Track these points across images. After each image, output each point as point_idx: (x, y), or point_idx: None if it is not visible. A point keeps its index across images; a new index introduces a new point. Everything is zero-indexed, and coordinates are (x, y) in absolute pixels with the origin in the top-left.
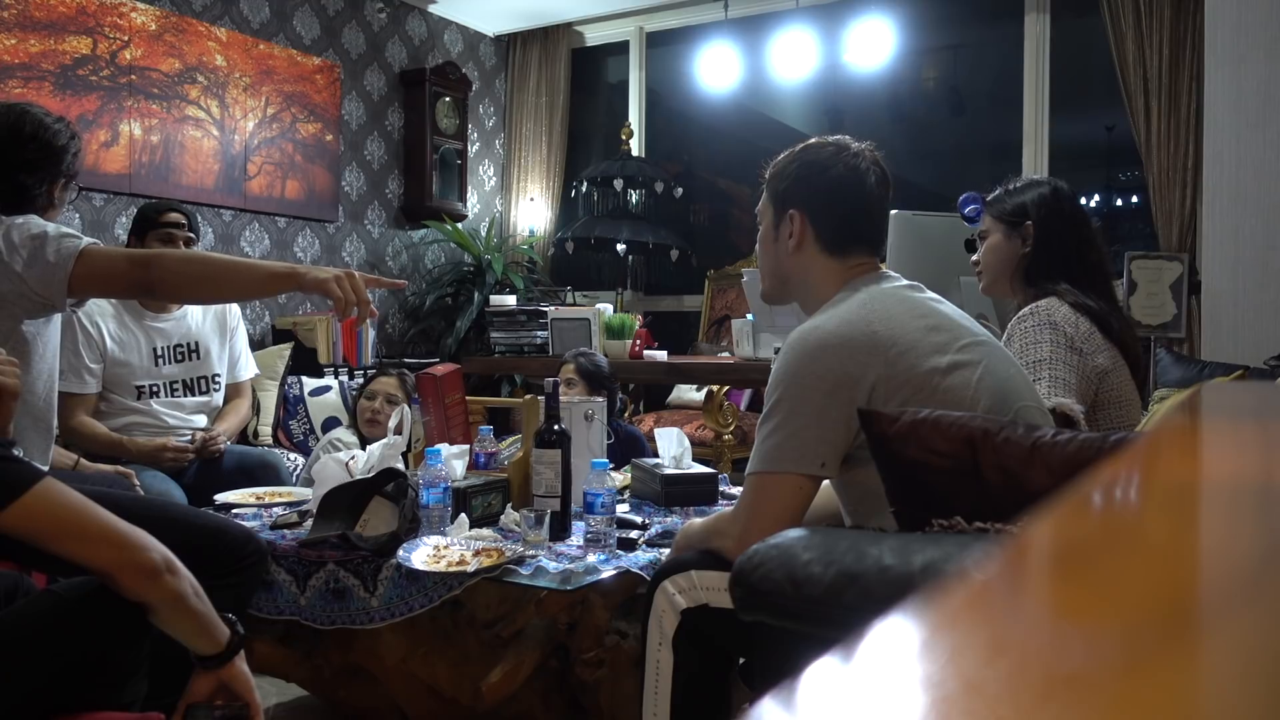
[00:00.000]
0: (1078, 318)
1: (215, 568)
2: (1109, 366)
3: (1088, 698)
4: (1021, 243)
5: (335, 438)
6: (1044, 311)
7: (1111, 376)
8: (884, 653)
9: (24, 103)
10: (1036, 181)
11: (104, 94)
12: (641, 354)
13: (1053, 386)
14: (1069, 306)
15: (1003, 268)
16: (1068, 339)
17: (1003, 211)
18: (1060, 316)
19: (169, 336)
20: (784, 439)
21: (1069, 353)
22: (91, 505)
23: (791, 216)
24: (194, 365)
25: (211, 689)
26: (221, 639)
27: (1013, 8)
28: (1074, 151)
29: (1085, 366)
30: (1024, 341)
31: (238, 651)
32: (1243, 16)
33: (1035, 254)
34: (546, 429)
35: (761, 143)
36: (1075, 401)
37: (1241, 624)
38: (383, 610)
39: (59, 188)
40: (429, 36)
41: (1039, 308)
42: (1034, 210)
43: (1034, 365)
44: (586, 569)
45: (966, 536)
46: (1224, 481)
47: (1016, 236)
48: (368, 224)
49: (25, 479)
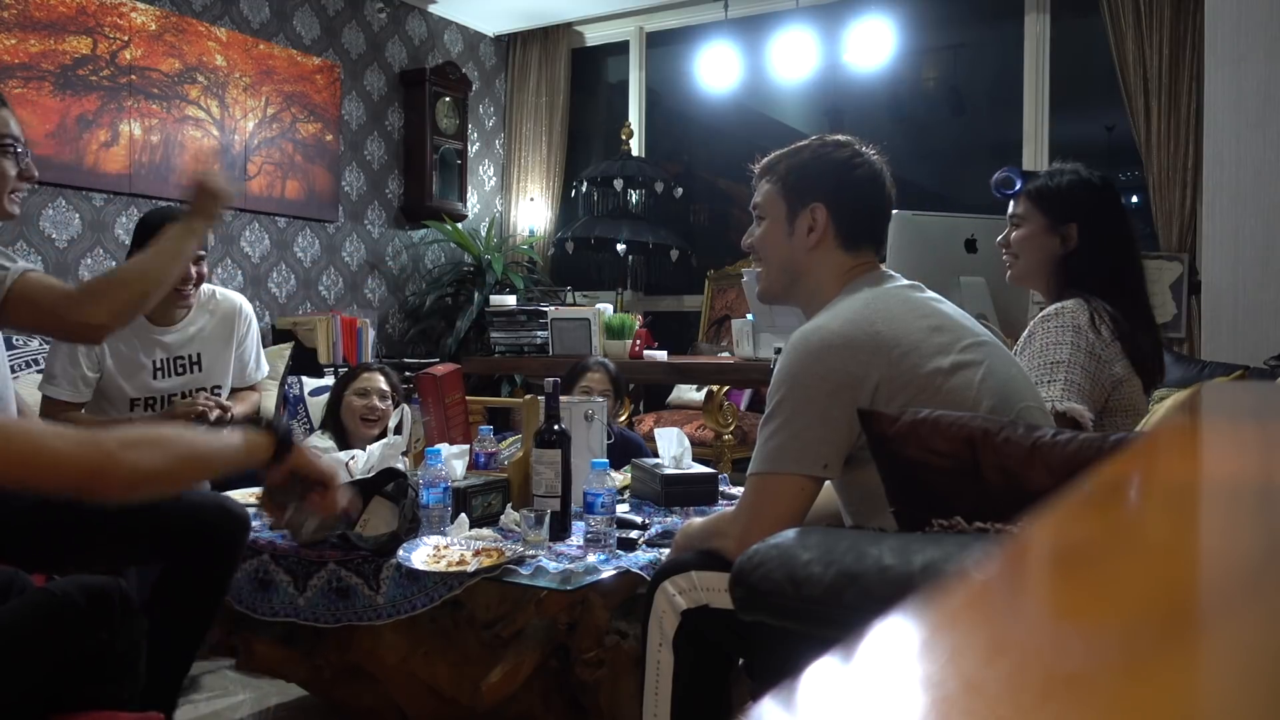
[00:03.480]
0: (1102, 324)
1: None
2: (1124, 375)
3: (1088, 698)
4: (1061, 241)
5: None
6: (1070, 313)
7: (1125, 386)
8: (884, 653)
9: None
10: (1084, 177)
11: (104, 94)
12: (641, 354)
13: (1067, 390)
14: (1096, 313)
15: (1040, 263)
16: (1089, 344)
17: (1045, 202)
18: (1085, 321)
19: (170, 349)
20: (786, 439)
21: (1088, 358)
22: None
23: (814, 210)
24: (194, 378)
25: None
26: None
27: (1013, 8)
28: (1074, 151)
29: (1102, 374)
30: (1045, 340)
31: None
32: (1243, 16)
33: (1078, 258)
34: (546, 429)
35: (761, 143)
36: (1087, 409)
37: (1241, 624)
38: (389, 607)
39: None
40: (429, 36)
41: (1065, 309)
42: (1080, 211)
43: (1052, 366)
44: (586, 569)
45: (966, 536)
46: (1224, 481)
47: (1057, 234)
48: (368, 224)
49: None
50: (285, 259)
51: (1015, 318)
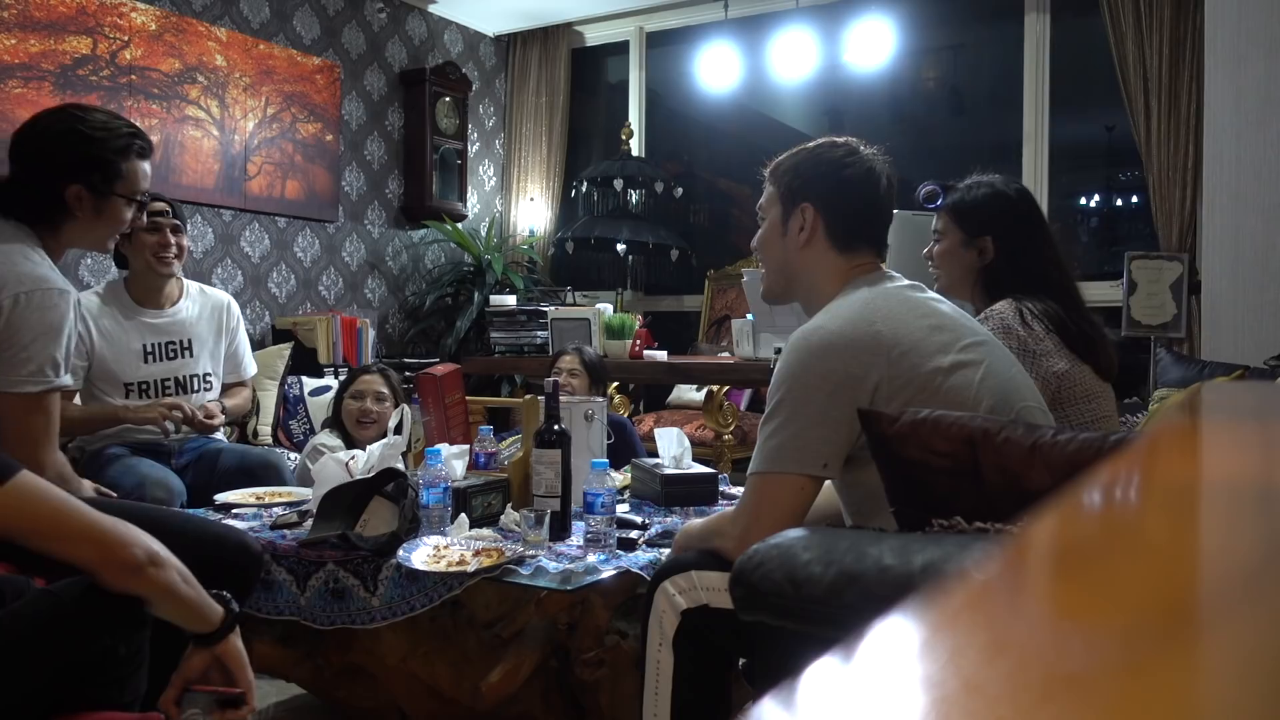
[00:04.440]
0: (1032, 319)
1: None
2: (1068, 367)
3: (1088, 698)
4: (978, 254)
5: (320, 443)
6: (998, 315)
7: (1072, 374)
8: (884, 653)
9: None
10: (996, 191)
11: (104, 94)
12: (641, 354)
13: None
14: (1025, 309)
15: (960, 275)
16: (1020, 342)
17: (961, 217)
18: (1014, 319)
19: (161, 333)
20: (786, 439)
21: (1022, 355)
22: (72, 501)
23: (804, 210)
24: (183, 363)
25: (205, 665)
26: (214, 618)
27: (1013, 8)
28: (1074, 151)
29: (1040, 367)
30: None
31: (232, 629)
32: (1243, 16)
33: (996, 267)
34: (546, 429)
35: (761, 143)
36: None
37: (1241, 624)
38: (383, 610)
39: (72, 193)
40: (429, 36)
41: (993, 312)
42: (993, 225)
43: None
44: (586, 569)
45: (966, 536)
46: (1224, 481)
47: (973, 249)
48: (368, 224)
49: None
50: (285, 259)
51: None
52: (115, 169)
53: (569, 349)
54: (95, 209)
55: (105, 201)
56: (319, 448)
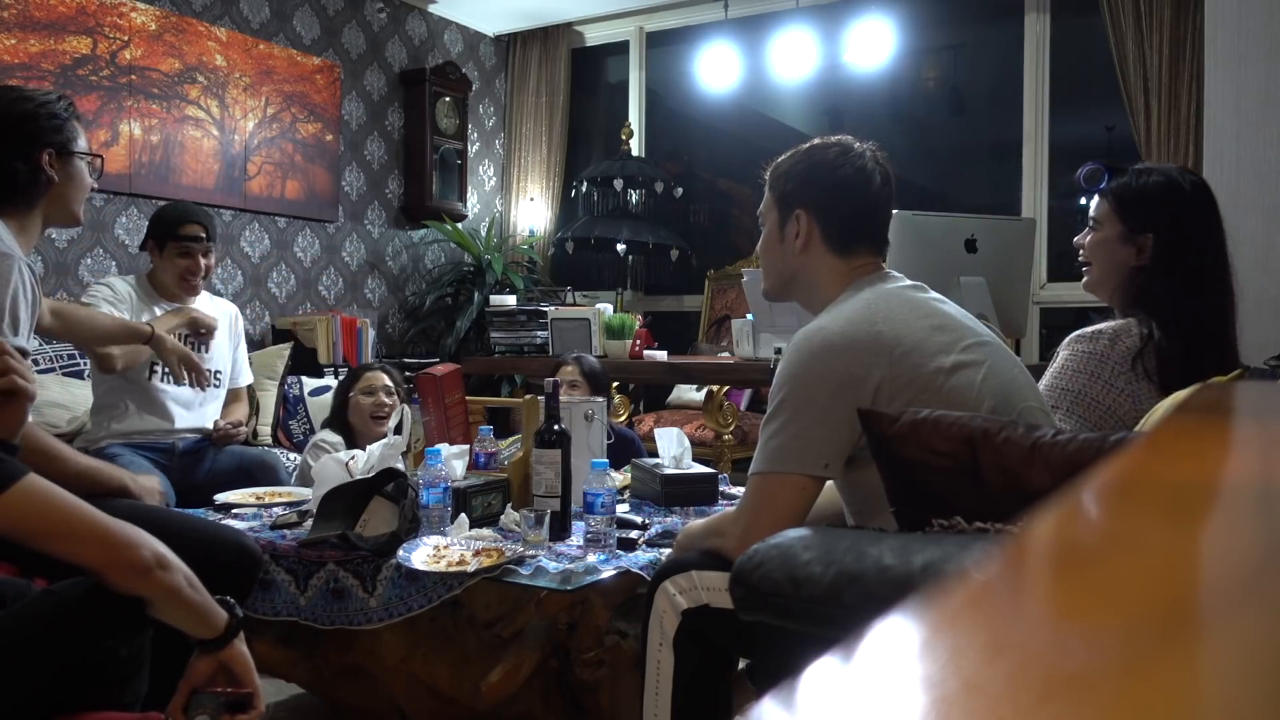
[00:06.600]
0: (1149, 357)
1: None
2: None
3: (1088, 698)
4: (1136, 253)
5: (321, 439)
6: (1106, 340)
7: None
8: (884, 653)
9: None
10: (1170, 181)
11: (104, 94)
12: (641, 354)
13: (1066, 423)
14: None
15: (1110, 272)
16: (1109, 376)
17: (1125, 208)
18: (1120, 351)
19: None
20: (788, 439)
21: (1106, 392)
22: (78, 503)
23: (798, 216)
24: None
25: (211, 671)
26: (219, 623)
27: (1013, 8)
28: (1074, 151)
29: (1121, 408)
30: (1067, 364)
31: (237, 634)
32: (1243, 16)
33: (1150, 274)
34: (546, 429)
35: (761, 143)
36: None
37: (1241, 624)
38: (382, 610)
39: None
40: (429, 36)
41: (1102, 333)
42: (1159, 221)
43: (1062, 392)
44: (586, 569)
45: (966, 536)
46: (1223, 481)
47: (1132, 245)
48: (368, 224)
49: (6, 476)
50: (285, 259)
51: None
52: (71, 129)
53: (569, 358)
54: (66, 173)
55: (70, 162)
56: (320, 444)
